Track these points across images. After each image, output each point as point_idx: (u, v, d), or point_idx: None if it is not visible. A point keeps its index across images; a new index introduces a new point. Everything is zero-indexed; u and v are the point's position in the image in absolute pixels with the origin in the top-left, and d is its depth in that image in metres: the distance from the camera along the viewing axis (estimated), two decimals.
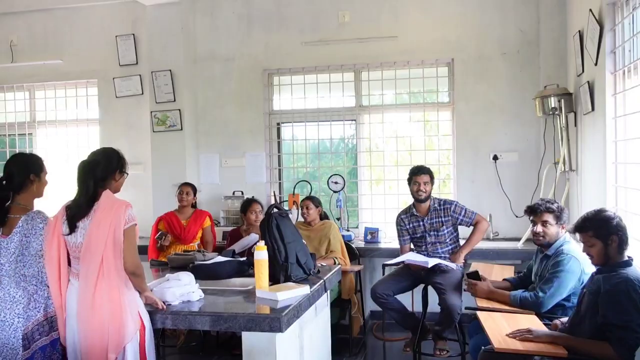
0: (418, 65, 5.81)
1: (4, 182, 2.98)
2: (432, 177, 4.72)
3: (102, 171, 2.93)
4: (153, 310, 2.97)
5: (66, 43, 6.55)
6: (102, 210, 2.84)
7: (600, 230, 2.84)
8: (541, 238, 3.58)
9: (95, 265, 2.79)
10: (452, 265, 4.49)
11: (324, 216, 5.19)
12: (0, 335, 2.81)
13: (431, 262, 4.39)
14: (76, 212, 2.87)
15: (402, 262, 4.63)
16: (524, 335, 2.90)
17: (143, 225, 4.39)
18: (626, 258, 2.83)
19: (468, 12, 5.63)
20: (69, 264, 2.95)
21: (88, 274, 2.80)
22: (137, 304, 2.90)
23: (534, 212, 3.64)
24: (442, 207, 4.72)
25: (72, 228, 2.85)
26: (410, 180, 4.73)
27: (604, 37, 3.84)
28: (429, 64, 5.80)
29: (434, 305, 4.49)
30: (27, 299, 2.86)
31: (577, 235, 3.00)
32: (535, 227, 3.60)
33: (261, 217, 4.98)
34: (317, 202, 5.08)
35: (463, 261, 4.66)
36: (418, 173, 4.69)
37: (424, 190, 4.66)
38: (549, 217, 3.56)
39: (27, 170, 3.00)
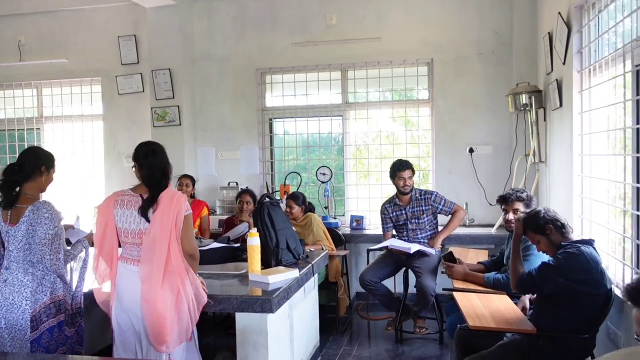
0: (400, 65, 5.79)
1: (16, 167, 2.94)
2: (413, 171, 4.71)
3: (165, 161, 2.95)
4: None
5: (71, 43, 6.46)
6: (166, 200, 2.82)
7: (535, 226, 2.90)
8: (512, 225, 3.59)
9: (162, 252, 2.77)
10: (431, 250, 4.50)
11: (308, 207, 5.07)
12: (10, 317, 2.79)
13: (413, 248, 4.40)
14: (149, 202, 2.82)
15: (386, 248, 4.64)
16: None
17: None
18: (577, 238, 2.87)
19: (447, 15, 5.61)
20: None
21: (153, 260, 2.77)
22: (197, 285, 2.89)
23: (506, 201, 3.65)
24: (422, 197, 4.72)
25: (147, 218, 2.80)
26: (394, 176, 4.72)
27: (572, 38, 3.84)
28: (410, 63, 5.77)
29: (414, 287, 4.51)
30: (36, 284, 2.84)
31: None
32: (507, 215, 3.62)
33: (248, 207, 4.97)
34: (299, 201, 4.92)
35: (440, 246, 4.67)
36: (402, 169, 4.66)
37: (409, 184, 4.67)
38: (520, 205, 3.58)
39: (38, 161, 2.96)
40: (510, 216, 3.58)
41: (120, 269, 2.88)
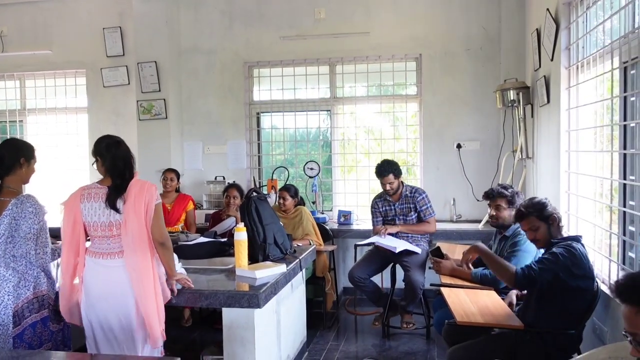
0: (388, 60, 5.78)
1: None
2: (395, 173, 4.65)
3: (128, 153, 2.93)
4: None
5: (55, 34, 6.36)
6: (136, 190, 2.80)
7: (541, 213, 2.90)
8: (495, 220, 3.62)
9: (143, 242, 2.76)
10: (417, 249, 4.51)
11: (299, 202, 5.09)
12: None
13: (399, 247, 4.40)
14: (115, 193, 2.79)
15: (373, 244, 4.63)
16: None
17: None
18: (565, 234, 2.92)
19: (435, 11, 5.61)
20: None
21: (137, 251, 2.75)
22: (163, 280, 2.89)
23: (489, 197, 3.67)
24: (412, 195, 4.72)
25: (116, 209, 2.77)
26: (378, 178, 4.72)
27: (560, 35, 3.85)
28: (399, 58, 5.76)
29: (401, 283, 4.52)
30: (18, 278, 2.79)
31: (519, 224, 3.03)
32: (490, 211, 3.64)
33: (235, 202, 4.95)
34: (293, 193, 4.94)
35: (394, 231, 4.62)
36: (381, 176, 4.64)
37: (391, 189, 4.65)
38: (502, 202, 3.60)
39: (18, 154, 2.91)
40: (493, 212, 3.61)
41: (89, 263, 2.83)
